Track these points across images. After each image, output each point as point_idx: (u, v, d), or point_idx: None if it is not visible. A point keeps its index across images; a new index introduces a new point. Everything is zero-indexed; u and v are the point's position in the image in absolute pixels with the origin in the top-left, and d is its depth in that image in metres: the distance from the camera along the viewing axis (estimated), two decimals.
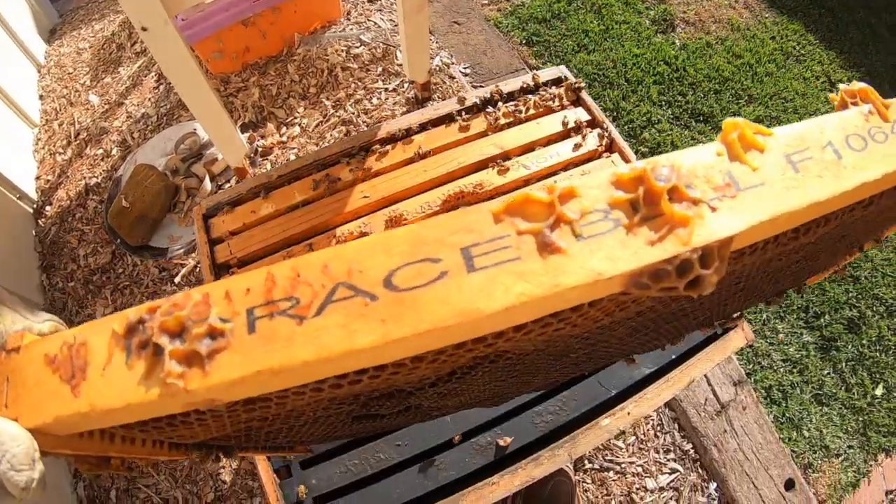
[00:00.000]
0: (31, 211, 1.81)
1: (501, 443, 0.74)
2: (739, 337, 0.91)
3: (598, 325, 0.35)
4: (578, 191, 0.27)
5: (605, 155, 0.97)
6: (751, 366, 1.53)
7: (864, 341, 1.61)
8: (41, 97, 2.18)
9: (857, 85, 0.36)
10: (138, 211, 1.52)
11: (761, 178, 0.29)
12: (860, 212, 0.37)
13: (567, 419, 0.77)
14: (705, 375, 1.48)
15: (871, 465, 1.53)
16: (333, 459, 0.77)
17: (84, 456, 0.34)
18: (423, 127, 0.93)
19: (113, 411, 0.26)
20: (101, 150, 1.88)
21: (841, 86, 0.37)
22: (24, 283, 1.66)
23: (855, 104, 0.36)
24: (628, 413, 0.80)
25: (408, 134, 0.93)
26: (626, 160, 0.95)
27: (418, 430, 0.75)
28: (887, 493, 1.54)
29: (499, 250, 0.26)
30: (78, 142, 1.95)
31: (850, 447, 1.53)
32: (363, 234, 0.85)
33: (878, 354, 1.60)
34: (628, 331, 0.45)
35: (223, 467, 1.43)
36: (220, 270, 0.92)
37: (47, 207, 1.80)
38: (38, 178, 1.90)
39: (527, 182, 0.90)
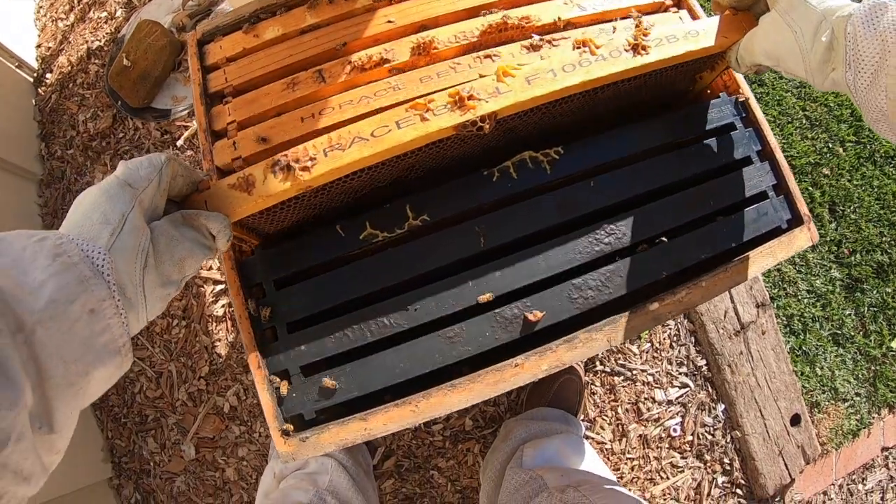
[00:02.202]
0: (31, 80, 1.60)
1: (531, 317, 0.57)
2: (805, 236, 0.73)
3: (464, 149, 0.64)
4: (434, 99, 0.56)
5: (671, 10, 0.76)
6: (776, 290, 1.36)
7: (889, 289, 1.43)
8: None
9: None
10: (140, 69, 1.32)
11: (511, 88, 0.57)
12: (591, 96, 0.63)
13: (610, 298, 0.60)
14: (729, 291, 1.31)
15: (873, 418, 1.41)
16: (327, 323, 0.61)
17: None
18: None
19: (269, 197, 0.54)
20: (104, 13, 1.65)
21: None
22: (23, 154, 1.48)
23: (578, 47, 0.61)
24: (680, 300, 0.63)
25: None
26: (695, 17, 0.74)
27: (431, 293, 0.59)
28: (883, 449, 1.43)
29: (408, 120, 0.56)
30: (81, 6, 1.71)
31: (857, 394, 1.39)
32: (384, 61, 0.66)
33: None
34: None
35: (219, 340, 1.29)
36: (213, 100, 0.73)
37: (48, 75, 1.59)
38: (38, 45, 1.68)
39: (575, 24, 0.70)
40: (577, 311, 0.59)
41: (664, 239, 0.64)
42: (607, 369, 1.29)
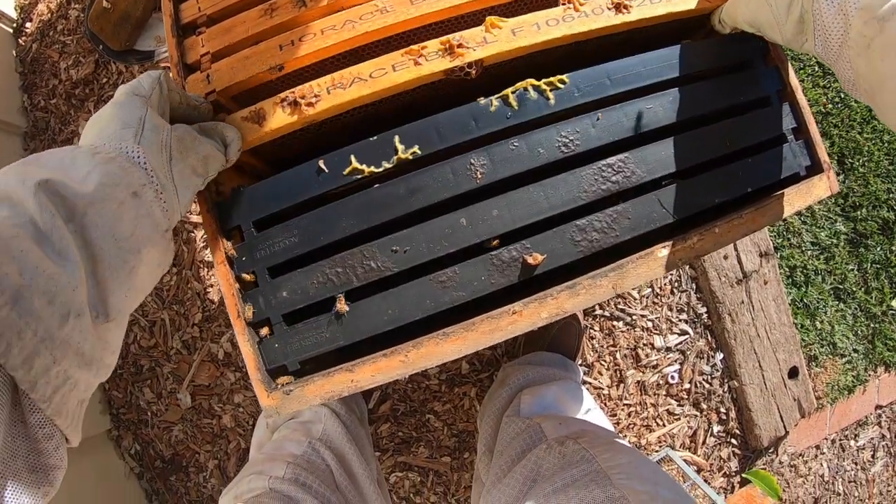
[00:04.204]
0: (10, 31, 1.49)
1: (530, 260, 0.51)
2: (824, 185, 0.66)
3: (455, 89, 0.62)
4: (427, 45, 0.56)
5: None
6: (780, 240, 1.30)
7: (893, 247, 1.37)
8: None
9: None
10: (120, 10, 1.22)
11: (497, 38, 0.57)
12: (576, 47, 0.62)
13: (616, 241, 0.54)
14: None
15: (869, 375, 1.37)
16: (309, 266, 0.55)
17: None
18: None
19: (279, 128, 0.57)
20: None
21: None
22: (6, 107, 1.39)
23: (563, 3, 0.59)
24: (691, 247, 0.57)
25: None
26: None
27: (422, 233, 0.52)
28: (877, 406, 1.40)
29: (403, 64, 0.56)
30: None
31: (855, 351, 1.35)
32: None
33: None
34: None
35: (211, 286, 1.24)
36: (186, 32, 0.65)
37: (27, 24, 1.48)
38: None
39: None
40: (580, 254, 0.53)
41: (677, 177, 0.58)
42: (607, 314, 1.25)
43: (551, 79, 0.55)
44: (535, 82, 0.54)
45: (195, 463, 1.27)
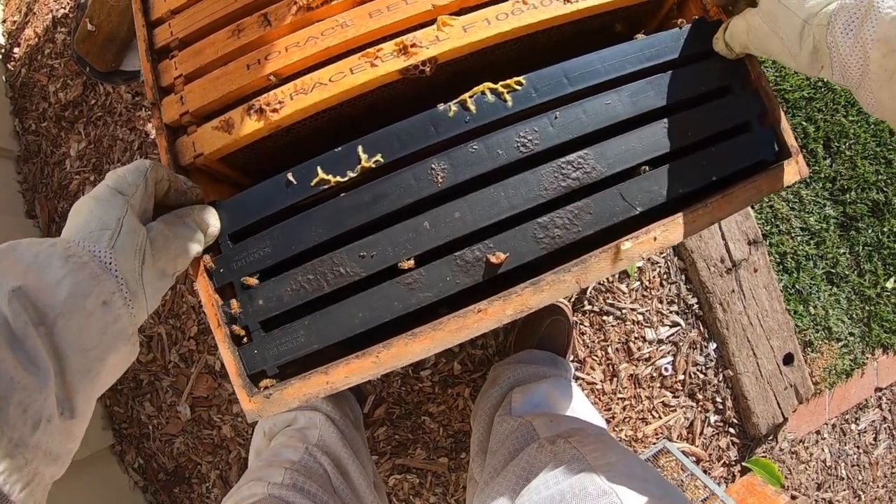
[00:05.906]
0: None
1: (493, 259, 0.53)
2: (793, 170, 0.67)
3: (416, 90, 0.66)
4: (382, 48, 0.59)
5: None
6: (769, 227, 1.31)
7: (885, 229, 1.38)
8: None
9: None
10: (105, 33, 1.25)
11: (448, 36, 0.59)
12: (529, 40, 0.64)
13: (578, 237, 0.55)
14: (720, 227, 1.26)
15: (867, 358, 1.37)
16: (282, 275, 0.57)
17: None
18: None
19: (247, 135, 0.60)
20: None
21: None
22: None
23: None
24: (654, 238, 0.58)
25: None
26: None
27: (387, 238, 0.54)
28: (877, 389, 1.40)
29: (360, 66, 0.59)
30: None
31: (851, 334, 1.35)
32: None
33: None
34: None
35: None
36: (160, 55, 0.68)
37: (15, 50, 1.52)
38: (3, 21, 1.60)
39: None
40: (543, 251, 0.55)
41: (639, 170, 0.60)
42: (596, 309, 1.26)
43: (508, 81, 0.56)
44: (493, 86, 0.56)
45: (197, 474, 1.29)
